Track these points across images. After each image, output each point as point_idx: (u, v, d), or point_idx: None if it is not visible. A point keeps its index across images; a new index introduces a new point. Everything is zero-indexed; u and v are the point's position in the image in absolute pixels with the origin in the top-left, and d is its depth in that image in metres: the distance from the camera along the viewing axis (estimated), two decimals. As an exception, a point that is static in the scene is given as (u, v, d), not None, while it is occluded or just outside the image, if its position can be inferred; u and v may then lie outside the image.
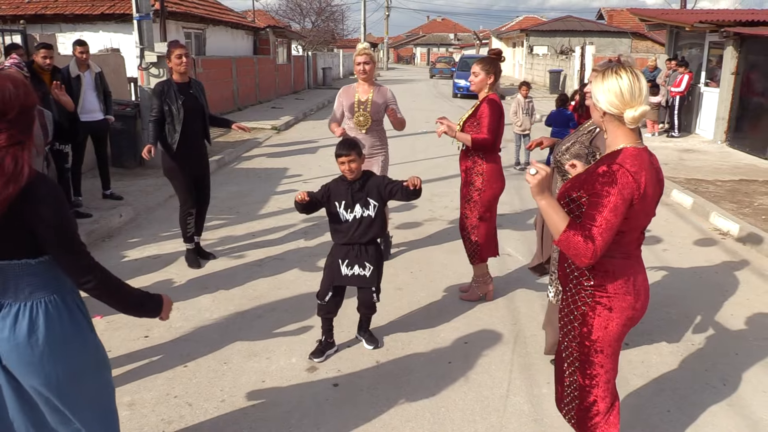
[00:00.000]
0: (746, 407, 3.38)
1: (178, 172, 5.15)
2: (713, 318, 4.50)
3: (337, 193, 3.67)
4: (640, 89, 2.14)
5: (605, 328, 2.30)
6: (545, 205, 2.13)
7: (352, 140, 3.71)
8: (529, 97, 9.95)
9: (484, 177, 4.45)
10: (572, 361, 2.43)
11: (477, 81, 4.42)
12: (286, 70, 24.50)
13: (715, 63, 13.03)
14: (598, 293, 2.28)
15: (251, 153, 11.48)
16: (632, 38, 31.81)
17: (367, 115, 5.13)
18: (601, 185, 2.10)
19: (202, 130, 5.24)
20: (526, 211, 7.40)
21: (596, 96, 2.21)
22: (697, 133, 13.48)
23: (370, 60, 5.13)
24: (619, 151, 2.19)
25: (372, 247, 3.72)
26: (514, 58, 40.75)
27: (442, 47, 78.77)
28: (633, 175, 2.10)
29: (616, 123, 2.20)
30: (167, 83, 5.06)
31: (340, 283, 3.73)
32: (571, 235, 2.08)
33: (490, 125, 4.30)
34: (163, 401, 3.35)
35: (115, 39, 13.24)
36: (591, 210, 2.11)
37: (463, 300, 4.75)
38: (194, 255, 5.42)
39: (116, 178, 8.13)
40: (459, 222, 4.76)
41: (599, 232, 2.06)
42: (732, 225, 6.62)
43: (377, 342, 3.95)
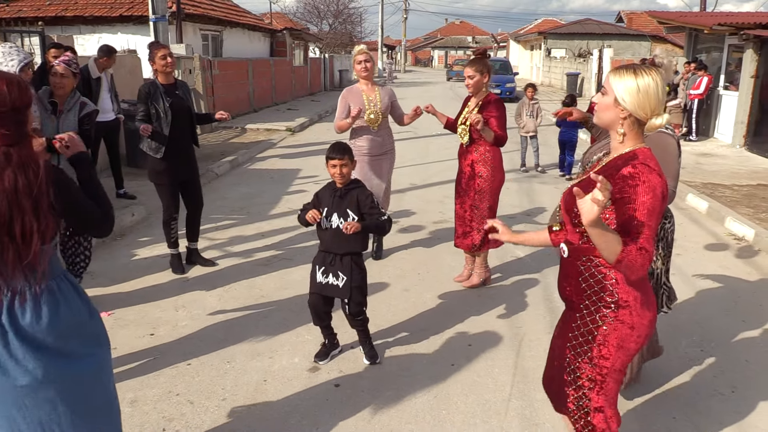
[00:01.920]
0: (755, 415, 3.31)
1: (163, 176, 5.00)
2: (724, 324, 4.42)
3: (323, 199, 3.59)
4: (664, 95, 2.11)
5: (623, 348, 2.19)
6: (598, 233, 1.93)
7: (345, 144, 3.59)
8: (534, 99, 9.88)
9: (491, 166, 4.70)
10: (584, 383, 2.29)
11: (474, 83, 4.64)
12: (302, 72, 24.60)
13: (735, 66, 12.85)
14: (622, 310, 2.15)
15: (265, 154, 11.53)
16: (651, 41, 31.49)
17: (378, 113, 5.22)
18: (634, 188, 2.01)
19: (189, 132, 5.10)
20: (534, 213, 7.34)
21: (622, 95, 2.10)
22: (715, 137, 13.30)
23: (370, 59, 5.25)
24: (635, 152, 2.11)
25: (347, 258, 3.54)
26: (532, 60, 40.53)
27: (460, 50, 78.55)
28: (659, 173, 2.04)
29: (636, 126, 2.13)
30: (153, 85, 4.89)
31: (315, 290, 3.62)
32: (629, 251, 1.93)
33: (501, 124, 4.61)
34: (164, 399, 3.36)
35: (132, 40, 13.40)
36: (630, 218, 1.99)
37: (466, 287, 4.93)
38: (179, 261, 5.29)
39: (129, 177, 8.20)
40: (461, 215, 4.88)
41: (646, 239, 1.96)
42: (747, 230, 6.51)
43: (377, 357, 3.77)
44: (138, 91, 4.94)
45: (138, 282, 5.03)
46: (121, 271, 5.24)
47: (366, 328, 3.75)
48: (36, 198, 1.94)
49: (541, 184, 9.06)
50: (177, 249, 5.31)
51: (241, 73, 17.01)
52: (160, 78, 4.93)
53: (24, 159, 1.94)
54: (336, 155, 3.48)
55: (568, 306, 2.33)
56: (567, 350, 2.31)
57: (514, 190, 8.36)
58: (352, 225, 3.35)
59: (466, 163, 4.75)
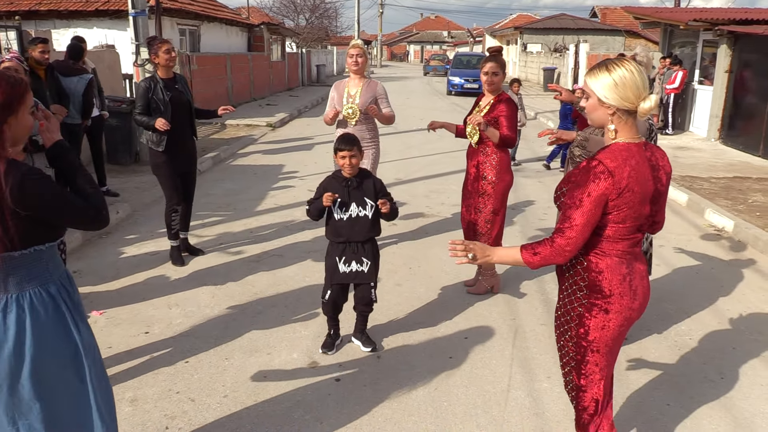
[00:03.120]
0: (744, 400, 3.42)
1: (166, 168, 5.10)
2: (710, 313, 4.54)
3: (334, 190, 3.58)
4: (645, 79, 2.16)
5: (602, 329, 2.27)
6: (498, 258, 2.31)
7: (353, 135, 3.65)
8: (519, 94, 9.99)
9: (497, 169, 4.57)
10: (568, 360, 2.42)
11: (497, 80, 4.54)
12: (280, 67, 24.46)
13: (709, 61, 13.11)
14: (594, 294, 2.24)
15: (246, 150, 11.46)
16: (626, 36, 31.92)
17: (355, 107, 5.17)
18: (574, 183, 2.15)
19: (189, 125, 5.19)
20: (525, 207, 7.44)
21: (603, 93, 2.14)
22: (690, 131, 13.57)
23: (363, 53, 5.20)
24: (607, 146, 2.18)
25: (369, 244, 3.69)
26: (508, 55, 40.79)
27: (436, 44, 78.76)
28: (611, 170, 2.07)
29: (625, 119, 2.16)
30: (153, 80, 4.97)
31: (339, 281, 3.69)
32: (528, 254, 2.21)
33: (511, 124, 4.49)
34: (165, 397, 3.35)
35: (110, 35, 13.19)
36: (562, 208, 2.19)
37: (471, 293, 4.80)
38: (179, 252, 5.38)
39: (111, 174, 8.10)
40: (465, 217, 4.81)
41: (564, 231, 2.14)
42: (727, 221, 6.68)
43: (374, 345, 3.88)
44: (137, 86, 5.02)
45: (128, 280, 4.98)
46: (110, 269, 5.19)
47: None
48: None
49: (524, 177, 9.16)
50: (177, 241, 5.38)
51: (219, 68, 16.86)
52: (160, 72, 5.00)
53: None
54: (345, 146, 3.52)
55: (559, 287, 2.44)
56: (556, 329, 2.46)
57: (498, 184, 8.43)
58: (386, 204, 3.53)
59: (472, 164, 4.65)
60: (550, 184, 8.70)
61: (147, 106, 4.93)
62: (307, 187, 8.23)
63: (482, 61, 4.64)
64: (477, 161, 4.62)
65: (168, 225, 5.32)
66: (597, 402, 2.42)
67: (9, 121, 1.97)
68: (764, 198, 7.70)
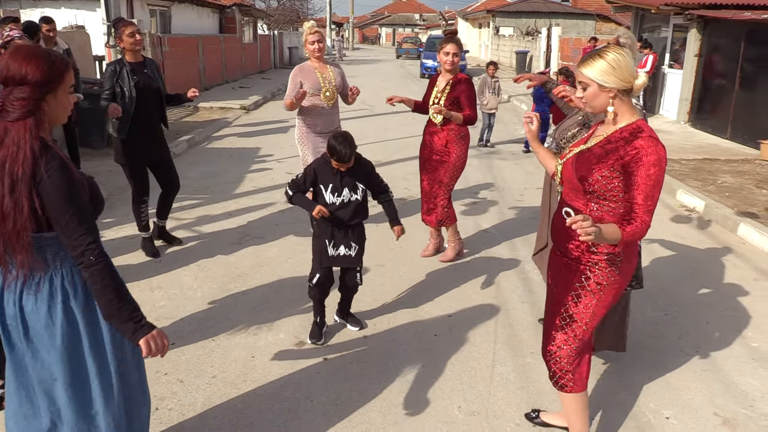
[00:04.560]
0: (719, 372, 3.55)
1: (129, 158, 4.87)
2: (684, 290, 4.68)
3: (323, 176, 3.55)
4: (632, 59, 2.30)
5: (617, 295, 2.45)
6: (602, 238, 2.14)
7: (348, 139, 3.44)
8: (495, 77, 10.05)
9: (462, 146, 4.86)
10: (576, 327, 2.49)
11: (456, 61, 4.73)
12: (252, 50, 24.13)
13: (679, 45, 13.33)
14: (624, 264, 2.38)
15: (221, 133, 11.33)
16: (597, 20, 32.21)
17: (333, 90, 5.27)
18: (642, 160, 2.19)
19: (158, 112, 4.94)
20: (497, 189, 7.52)
21: (603, 79, 2.25)
22: (661, 114, 13.81)
23: (322, 38, 5.26)
24: (637, 124, 2.29)
25: (358, 228, 3.68)
26: (480, 38, 40.86)
27: (408, 27, 78.41)
28: (663, 147, 2.24)
29: (625, 99, 2.30)
30: (119, 63, 4.74)
31: (328, 264, 3.66)
32: (628, 233, 2.18)
33: (472, 103, 4.76)
34: (153, 379, 3.34)
35: (79, 16, 12.83)
36: (636, 190, 2.20)
37: (442, 261, 5.04)
38: (151, 244, 5.17)
39: (84, 158, 7.95)
40: (427, 191, 5.02)
41: (647, 211, 2.20)
42: (698, 201, 6.85)
43: (361, 324, 3.94)
44: (105, 69, 4.79)
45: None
46: (89, 253, 5.11)
47: None
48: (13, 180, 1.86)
49: (500, 160, 9.25)
50: (148, 232, 5.18)
51: (191, 49, 16.56)
52: (127, 56, 4.77)
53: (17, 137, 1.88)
54: (345, 158, 3.42)
55: (571, 258, 2.47)
56: (569, 297, 2.49)
57: (475, 167, 8.51)
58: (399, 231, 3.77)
59: (441, 142, 4.83)
60: (526, 166, 8.81)
61: (112, 90, 4.69)
62: (284, 169, 8.19)
63: (441, 42, 4.81)
64: (446, 140, 4.83)
65: (137, 217, 5.09)
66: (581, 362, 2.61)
67: (47, 99, 1.95)
68: (733, 179, 7.91)
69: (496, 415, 3.10)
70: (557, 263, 2.59)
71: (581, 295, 2.46)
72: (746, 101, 10.55)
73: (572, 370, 2.57)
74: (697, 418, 3.12)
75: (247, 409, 3.09)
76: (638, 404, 3.22)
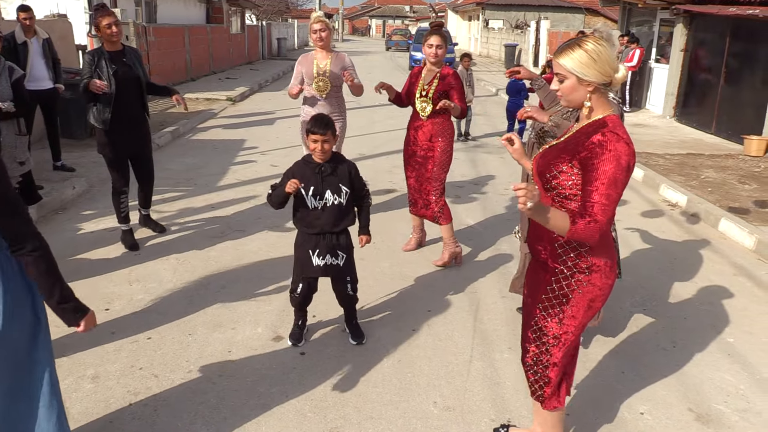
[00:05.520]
0: (695, 367, 3.57)
1: (110, 149, 4.80)
2: (663, 284, 4.70)
3: (303, 178, 3.32)
4: (611, 50, 2.19)
5: (591, 308, 2.31)
6: (546, 219, 2.06)
7: (328, 118, 3.33)
8: (470, 69, 10.04)
9: (447, 140, 4.79)
10: (548, 340, 2.39)
11: (441, 53, 4.68)
12: (239, 40, 23.94)
13: (666, 40, 13.36)
14: (594, 274, 2.25)
15: (207, 124, 11.24)
16: (586, 14, 32.24)
17: (326, 80, 5.22)
18: (599, 157, 2.07)
19: (138, 102, 4.87)
20: (482, 183, 7.51)
21: (582, 71, 2.13)
22: (647, 108, 13.86)
23: (326, 27, 5.16)
24: (604, 119, 2.16)
25: (344, 235, 3.47)
26: (470, 31, 40.79)
27: (398, 19, 78.12)
28: (626, 141, 2.09)
29: (601, 93, 2.19)
30: (98, 52, 4.67)
31: (312, 274, 3.48)
32: (577, 228, 2.05)
33: (462, 96, 4.73)
34: (128, 373, 3.32)
35: (61, 4, 12.64)
36: (591, 187, 2.08)
37: (435, 265, 4.87)
38: (130, 236, 5.11)
39: (66, 149, 7.85)
40: (416, 187, 4.91)
41: (601, 210, 2.05)
42: (680, 197, 6.89)
43: (363, 337, 3.69)
44: (83, 57, 4.72)
45: (86, 256, 4.88)
46: (68, 245, 5.06)
47: (355, 304, 3.72)
48: None
49: (486, 153, 9.25)
50: (128, 224, 5.12)
51: (177, 40, 16.40)
52: (106, 45, 4.71)
53: None
54: (318, 129, 3.24)
55: (542, 267, 2.40)
56: (536, 309, 2.41)
57: (462, 160, 8.51)
58: (365, 241, 3.57)
59: (425, 136, 4.74)
60: (511, 160, 8.81)
61: (91, 78, 4.58)
62: (269, 162, 8.14)
63: (426, 35, 4.74)
64: (431, 134, 4.75)
65: (117, 208, 5.03)
66: (565, 374, 2.52)
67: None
68: (716, 174, 7.96)
69: (472, 410, 3.10)
70: (531, 269, 2.53)
71: (548, 307, 2.36)
72: (731, 96, 10.60)
73: (550, 384, 2.48)
74: (671, 414, 3.14)
75: (221, 405, 3.07)
76: (612, 400, 3.23)
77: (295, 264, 3.57)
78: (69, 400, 3.05)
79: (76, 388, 3.17)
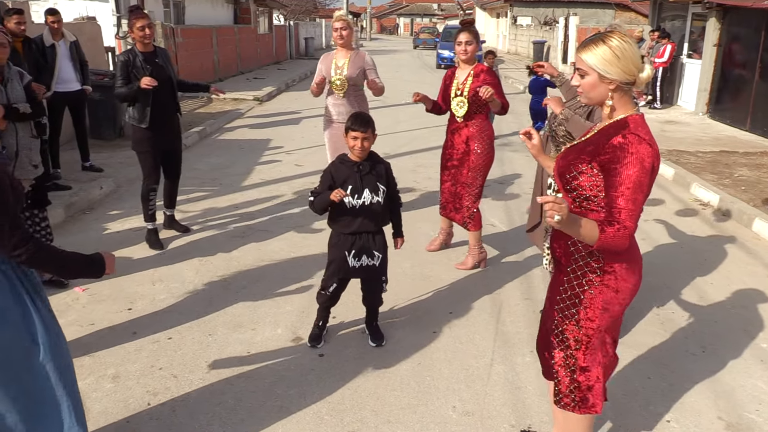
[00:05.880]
0: (725, 374, 3.45)
1: (147, 145, 4.94)
2: (693, 286, 4.57)
3: (342, 176, 3.30)
4: (637, 48, 2.12)
5: (608, 310, 2.24)
6: (577, 231, 1.99)
7: (367, 116, 3.34)
8: (494, 67, 9.89)
9: (485, 143, 4.60)
10: (570, 344, 2.33)
11: (471, 50, 4.51)
12: (267, 40, 24.10)
13: (698, 35, 13.04)
14: (607, 275, 2.18)
15: (233, 124, 11.33)
16: (616, 9, 31.68)
17: (343, 79, 5.13)
18: (622, 160, 2.01)
19: (171, 100, 5.03)
20: (507, 182, 7.42)
21: (604, 69, 2.07)
22: (679, 105, 13.54)
23: (348, 26, 5.13)
24: (626, 119, 2.10)
25: (380, 235, 3.44)
26: (498, 29, 40.44)
27: (426, 17, 77.86)
28: (649, 142, 2.03)
29: (624, 92, 2.12)
30: (131, 53, 4.82)
31: (348, 276, 3.46)
32: (607, 236, 1.98)
33: (501, 90, 4.49)
34: (147, 373, 3.34)
35: (90, 7, 12.86)
36: (615, 192, 2.01)
37: (458, 268, 4.78)
38: (156, 236, 5.16)
39: (95, 150, 7.97)
40: (450, 190, 4.78)
41: (628, 215, 1.99)
42: (712, 196, 6.70)
43: (383, 339, 3.65)
44: (117, 59, 4.84)
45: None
46: (93, 245, 5.13)
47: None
48: None
49: (512, 152, 9.13)
50: (154, 223, 5.18)
51: (205, 40, 16.57)
52: (138, 46, 4.85)
53: None
54: (359, 127, 3.23)
55: (557, 267, 2.36)
56: (555, 312, 2.36)
57: (485, 159, 8.40)
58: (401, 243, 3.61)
59: (461, 139, 4.61)
60: (538, 159, 8.67)
61: (127, 79, 4.77)
62: (294, 162, 8.16)
63: (456, 32, 4.62)
64: (467, 136, 4.60)
65: (145, 205, 5.10)
66: (598, 379, 2.39)
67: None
68: (750, 172, 7.73)
69: (491, 415, 3.03)
70: (553, 272, 2.47)
71: (563, 308, 2.30)
72: (766, 92, 10.28)
73: (580, 388, 2.37)
74: (699, 422, 3.03)
75: (238, 406, 3.06)
76: (637, 406, 3.14)
77: (329, 264, 3.51)
78: (89, 399, 3.08)
79: (96, 387, 3.20)
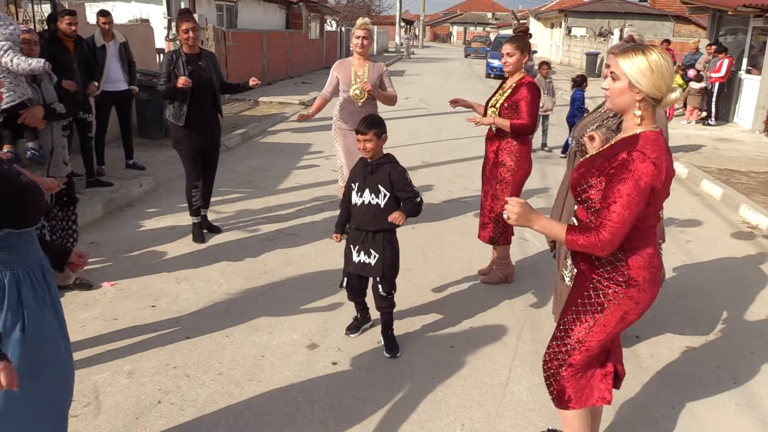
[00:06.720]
0: (756, 408, 3.26)
1: (185, 143, 5.14)
2: (732, 314, 4.34)
3: (354, 174, 3.56)
4: (673, 69, 2.10)
5: (624, 319, 2.26)
6: (540, 228, 2.20)
7: (374, 119, 3.49)
8: (549, 78, 9.71)
9: (516, 156, 4.38)
10: (571, 342, 2.36)
11: (513, 62, 4.32)
12: (317, 46, 24.39)
13: (759, 50, 12.52)
14: (632, 288, 2.20)
15: (276, 128, 11.47)
16: (674, 22, 30.80)
17: (363, 88, 5.16)
18: (620, 176, 2.04)
19: (212, 103, 5.19)
20: (543, 194, 7.25)
21: (636, 78, 2.07)
22: (735, 122, 13.03)
23: (369, 35, 5.17)
24: (637, 136, 2.10)
25: (380, 235, 3.48)
26: (552, 39, 39.88)
27: (480, 26, 77.48)
28: (654, 161, 2.03)
29: (648, 106, 2.12)
30: (176, 53, 5.03)
31: (352, 270, 3.56)
32: (575, 239, 2.11)
33: (531, 111, 4.25)
34: (162, 371, 3.37)
35: (144, 10, 13.27)
36: (606, 205, 2.07)
37: (484, 282, 4.68)
38: (200, 229, 5.39)
39: (141, 148, 8.20)
40: (484, 204, 4.63)
41: (611, 231, 2.05)
42: (762, 218, 6.38)
43: (398, 350, 3.61)
44: (162, 58, 4.99)
45: (142, 253, 5.03)
46: (126, 241, 5.25)
47: (391, 312, 3.63)
48: None
49: (553, 165, 8.93)
50: (198, 217, 5.41)
51: (255, 44, 16.88)
52: (184, 48, 5.03)
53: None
54: (360, 128, 3.44)
55: (580, 275, 2.36)
56: (569, 311, 2.37)
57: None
58: (397, 217, 3.31)
59: (491, 149, 4.47)
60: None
61: (168, 77, 4.97)
62: (331, 167, 8.18)
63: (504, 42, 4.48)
64: (496, 146, 4.44)
65: (189, 201, 5.35)
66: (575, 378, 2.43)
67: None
68: (805, 195, 7.34)
69: (501, 436, 2.94)
70: (574, 283, 2.46)
71: (581, 312, 2.32)
72: (829, 112, 9.78)
73: (564, 383, 2.41)
74: (722, 458, 2.87)
75: (246, 410, 3.06)
76: (658, 437, 2.99)
77: (344, 257, 3.67)
78: (102, 393, 3.14)
79: (111, 382, 3.25)
